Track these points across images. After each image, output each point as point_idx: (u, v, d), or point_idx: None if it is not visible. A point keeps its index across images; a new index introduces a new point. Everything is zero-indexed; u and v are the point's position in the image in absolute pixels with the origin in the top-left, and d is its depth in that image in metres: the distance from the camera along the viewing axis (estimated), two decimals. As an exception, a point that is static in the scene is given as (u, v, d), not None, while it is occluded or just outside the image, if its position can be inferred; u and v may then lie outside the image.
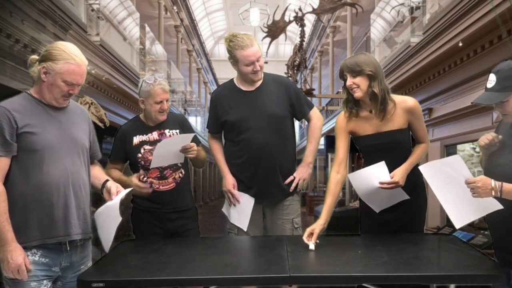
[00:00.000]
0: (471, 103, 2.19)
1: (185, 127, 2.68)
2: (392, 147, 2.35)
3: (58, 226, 1.88)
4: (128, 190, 2.02)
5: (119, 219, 1.92)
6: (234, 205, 2.63)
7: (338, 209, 10.97)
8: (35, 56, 1.92)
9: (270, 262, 2.00)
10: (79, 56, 1.90)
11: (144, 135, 2.60)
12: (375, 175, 2.28)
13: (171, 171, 2.59)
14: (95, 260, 2.08)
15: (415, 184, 2.36)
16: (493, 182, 1.82)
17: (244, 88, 2.63)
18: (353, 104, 2.36)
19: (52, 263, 1.89)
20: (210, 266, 1.93)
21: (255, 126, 2.56)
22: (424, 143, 2.40)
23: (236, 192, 2.62)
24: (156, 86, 2.52)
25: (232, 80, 2.70)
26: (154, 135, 2.60)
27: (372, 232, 2.45)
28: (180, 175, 2.62)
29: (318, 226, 2.19)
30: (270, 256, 2.13)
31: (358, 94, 2.29)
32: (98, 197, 2.09)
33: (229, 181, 2.64)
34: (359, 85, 2.28)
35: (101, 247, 2.02)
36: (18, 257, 1.79)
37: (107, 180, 2.06)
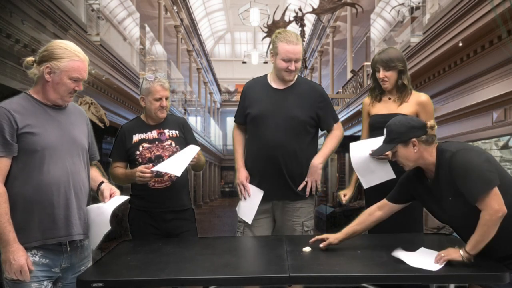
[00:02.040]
0: (369, 154, 2.42)
1: (186, 130, 2.68)
2: None
3: (59, 227, 1.87)
4: (123, 199, 2.01)
5: (108, 227, 1.92)
6: (245, 198, 2.63)
7: (338, 209, 10.97)
8: (31, 58, 1.93)
9: (270, 262, 2.00)
10: (81, 52, 1.93)
11: (144, 134, 2.62)
12: (371, 146, 2.37)
13: None
14: (95, 260, 2.08)
15: None
16: (461, 251, 1.85)
17: (274, 85, 2.64)
18: (378, 92, 2.66)
19: (52, 264, 1.88)
20: (209, 266, 1.93)
21: (274, 124, 2.56)
22: None
23: (248, 184, 2.63)
24: (156, 83, 2.56)
25: (266, 75, 2.72)
26: (153, 133, 2.62)
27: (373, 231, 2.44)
28: None
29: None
30: (269, 256, 2.13)
31: (387, 86, 2.59)
32: (92, 197, 2.08)
33: (243, 174, 2.65)
34: (389, 79, 2.57)
35: (101, 247, 2.02)
36: (21, 258, 1.78)
37: (102, 182, 2.06)
